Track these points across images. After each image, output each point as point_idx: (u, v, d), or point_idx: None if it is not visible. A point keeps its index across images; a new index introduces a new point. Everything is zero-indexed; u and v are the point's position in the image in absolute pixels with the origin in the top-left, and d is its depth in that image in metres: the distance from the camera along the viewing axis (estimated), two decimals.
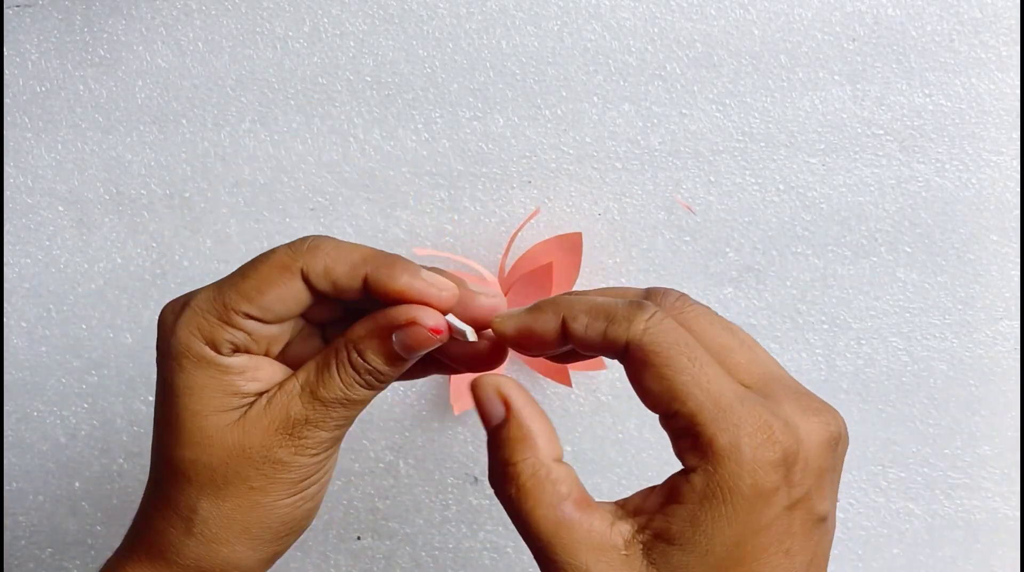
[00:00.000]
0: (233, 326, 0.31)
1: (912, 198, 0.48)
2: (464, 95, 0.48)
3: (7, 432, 0.49)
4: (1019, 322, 0.49)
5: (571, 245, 0.46)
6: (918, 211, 0.48)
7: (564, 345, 0.31)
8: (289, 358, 0.34)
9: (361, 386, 0.32)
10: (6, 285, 0.49)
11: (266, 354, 0.33)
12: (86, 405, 0.49)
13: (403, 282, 0.30)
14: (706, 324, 0.31)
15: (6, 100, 0.49)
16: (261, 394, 0.33)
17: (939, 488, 0.49)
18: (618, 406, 0.48)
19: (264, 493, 0.32)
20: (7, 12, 0.48)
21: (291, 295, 0.31)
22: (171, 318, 0.32)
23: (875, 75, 0.48)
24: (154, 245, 0.49)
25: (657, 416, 0.29)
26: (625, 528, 0.29)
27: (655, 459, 0.48)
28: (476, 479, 0.49)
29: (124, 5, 0.49)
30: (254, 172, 0.49)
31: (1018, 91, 0.48)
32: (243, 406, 0.32)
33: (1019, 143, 0.48)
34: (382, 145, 0.48)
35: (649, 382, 0.29)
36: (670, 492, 0.29)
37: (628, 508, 0.29)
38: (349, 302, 0.33)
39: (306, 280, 0.31)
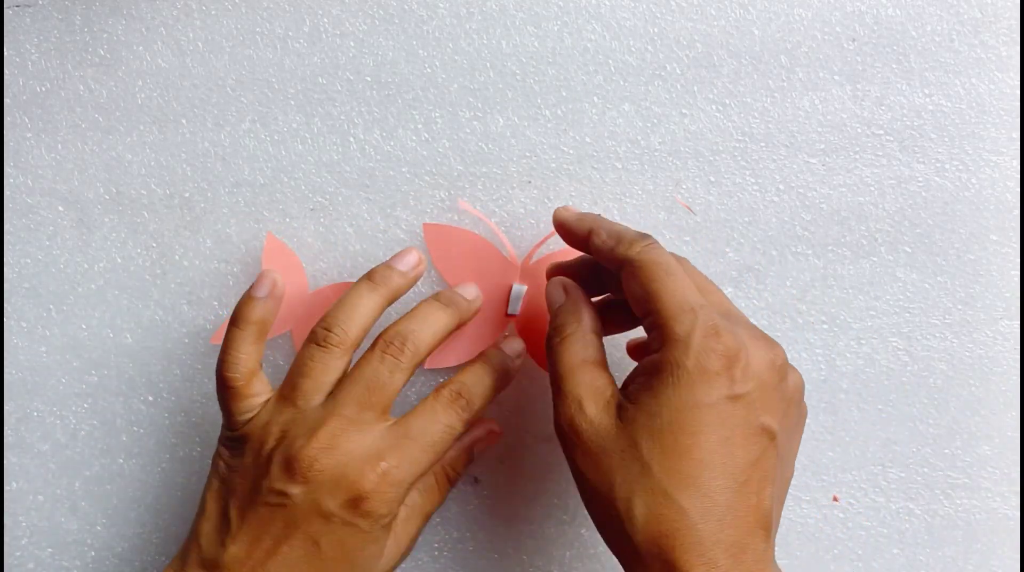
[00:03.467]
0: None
1: (912, 198, 0.48)
2: (464, 95, 0.48)
3: (7, 432, 0.49)
4: (1019, 322, 0.49)
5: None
6: (918, 211, 0.48)
7: (587, 250, 0.41)
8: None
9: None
10: (6, 285, 0.49)
11: None
12: (86, 405, 0.49)
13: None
14: (692, 267, 0.42)
15: (6, 100, 0.49)
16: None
17: (939, 488, 0.49)
18: None
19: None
20: (7, 12, 0.48)
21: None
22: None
23: (875, 75, 0.48)
24: (154, 245, 0.49)
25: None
26: (614, 387, 0.38)
27: None
28: (476, 480, 0.49)
29: (124, 5, 0.49)
30: (254, 172, 0.49)
31: (1018, 91, 0.48)
32: None
33: (1019, 143, 0.48)
34: (382, 145, 0.48)
35: (635, 289, 0.38)
36: (638, 373, 0.37)
37: (626, 380, 0.39)
38: None
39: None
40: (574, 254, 0.45)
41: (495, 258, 0.46)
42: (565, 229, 0.42)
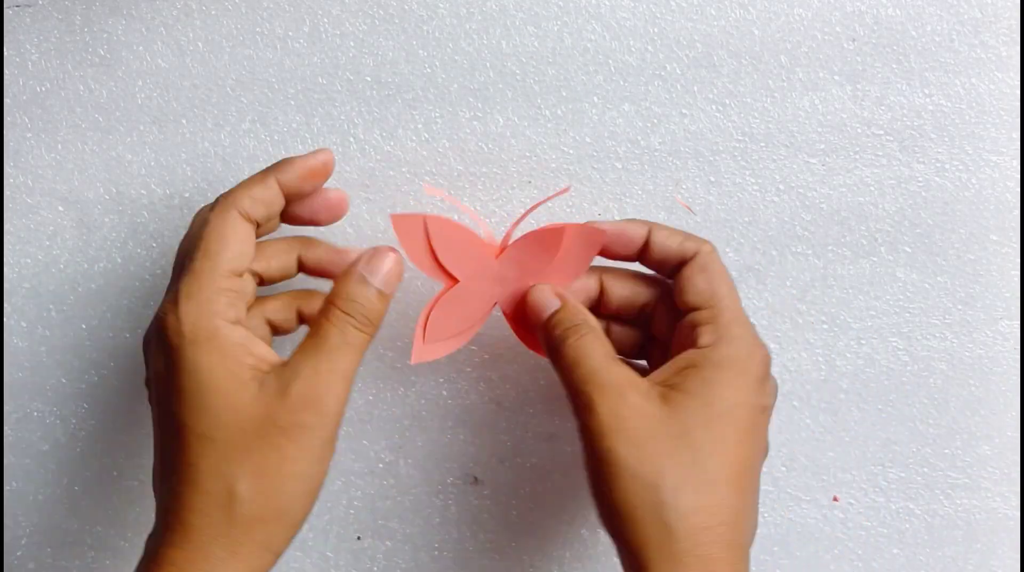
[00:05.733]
0: (224, 289, 0.37)
1: (912, 198, 0.48)
2: (464, 95, 0.48)
3: (7, 432, 0.49)
4: (1019, 322, 0.49)
5: (592, 240, 0.42)
6: (918, 211, 0.48)
7: (638, 254, 0.41)
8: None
9: (355, 328, 0.37)
10: (6, 285, 0.49)
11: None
12: (86, 405, 0.49)
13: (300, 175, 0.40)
14: None
15: (6, 100, 0.49)
16: (260, 370, 0.36)
17: (939, 488, 0.49)
18: None
19: (295, 462, 0.35)
20: (7, 12, 0.48)
21: (242, 238, 0.38)
22: (172, 311, 0.36)
23: (875, 75, 0.48)
24: (154, 245, 0.49)
25: (680, 313, 0.40)
26: (645, 380, 0.38)
27: None
28: (476, 479, 0.49)
29: (124, 5, 0.49)
30: (254, 172, 0.48)
31: (1018, 91, 0.48)
32: (254, 380, 0.36)
33: (1019, 143, 0.48)
34: (382, 145, 0.48)
35: (702, 282, 0.39)
36: (684, 365, 0.38)
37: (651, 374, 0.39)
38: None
39: (247, 219, 0.39)
40: (555, 228, 0.42)
41: (472, 242, 0.43)
42: (616, 234, 0.41)
